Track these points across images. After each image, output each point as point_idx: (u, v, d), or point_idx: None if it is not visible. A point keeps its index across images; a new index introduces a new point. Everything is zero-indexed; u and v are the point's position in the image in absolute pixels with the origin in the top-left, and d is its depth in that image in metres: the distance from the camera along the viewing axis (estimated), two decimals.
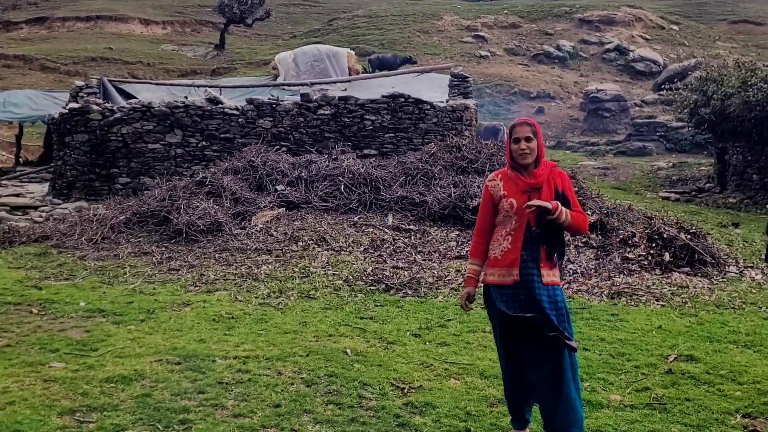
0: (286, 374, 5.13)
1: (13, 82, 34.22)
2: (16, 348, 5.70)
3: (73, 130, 15.65)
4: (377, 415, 4.50)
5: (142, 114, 15.42)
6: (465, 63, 33.39)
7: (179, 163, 15.18)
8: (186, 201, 10.44)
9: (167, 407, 4.47)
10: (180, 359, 5.38)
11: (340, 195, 11.12)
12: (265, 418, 4.38)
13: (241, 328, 6.31)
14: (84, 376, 5.01)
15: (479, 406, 4.67)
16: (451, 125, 15.60)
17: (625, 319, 6.63)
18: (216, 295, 7.50)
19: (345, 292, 7.64)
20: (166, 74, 37.48)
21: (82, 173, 15.58)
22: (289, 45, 36.31)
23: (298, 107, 15.44)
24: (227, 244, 9.50)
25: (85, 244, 9.72)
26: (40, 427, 4.13)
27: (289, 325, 6.42)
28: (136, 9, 50.89)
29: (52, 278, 8.26)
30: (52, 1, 55.58)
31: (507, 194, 4.05)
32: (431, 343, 5.96)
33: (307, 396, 4.75)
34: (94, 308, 6.95)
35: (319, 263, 8.61)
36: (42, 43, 43.77)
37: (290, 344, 5.82)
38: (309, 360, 5.43)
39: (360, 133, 15.31)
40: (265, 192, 11.32)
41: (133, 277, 8.28)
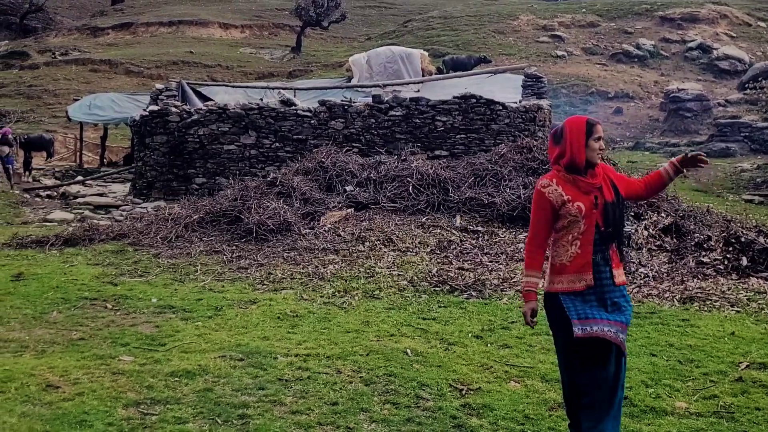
0: (346, 373, 5.16)
1: (99, 86, 35.52)
2: (89, 341, 5.91)
3: (152, 132, 16.13)
4: (434, 416, 4.48)
5: (218, 116, 15.78)
6: (541, 63, 32.98)
7: (253, 164, 15.48)
8: (257, 201, 10.64)
9: (227, 402, 4.56)
10: (243, 356, 5.48)
11: (408, 196, 11.13)
12: (322, 416, 4.42)
13: (305, 327, 6.39)
14: (150, 369, 5.16)
15: (538, 409, 4.61)
16: (523, 126, 15.43)
17: (697, 325, 6.43)
18: (282, 294, 7.61)
19: (409, 292, 7.65)
20: (243, 77, 38.26)
21: (160, 174, 16.04)
22: (364, 47, 36.55)
23: (369, 109, 15.54)
24: (296, 243, 9.63)
25: (160, 243, 10.01)
26: (105, 418, 4.27)
27: (352, 324, 6.46)
28: (216, 13, 52.12)
29: (127, 275, 8.53)
30: (137, 7, 57.49)
31: (571, 198, 3.84)
32: (493, 345, 5.91)
33: (364, 395, 4.77)
34: (165, 305, 7.15)
35: (385, 264, 8.63)
36: (127, 47, 45.28)
37: (351, 343, 5.86)
38: (369, 359, 5.45)
39: (431, 134, 15.30)
40: (334, 192, 11.43)
41: (204, 274, 8.48)
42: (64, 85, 37.34)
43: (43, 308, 6.93)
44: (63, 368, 5.12)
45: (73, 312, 6.86)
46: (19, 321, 6.49)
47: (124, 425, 4.19)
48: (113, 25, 51.01)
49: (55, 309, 6.93)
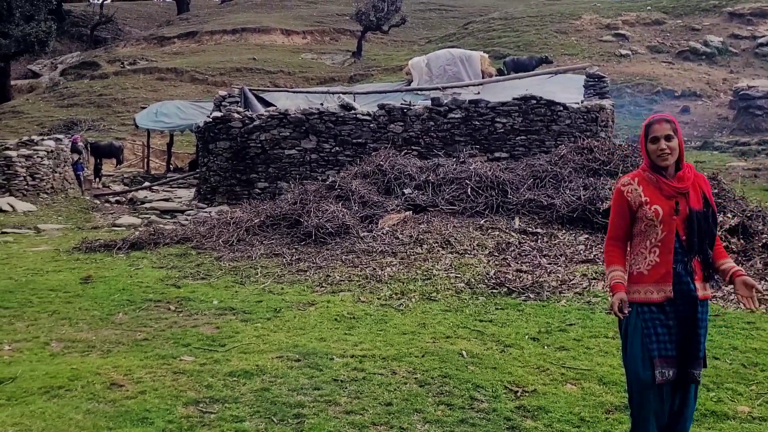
0: (401, 374, 5.19)
1: (165, 94, 36.41)
2: (152, 341, 6.08)
3: (216, 138, 16.47)
4: (488, 417, 4.47)
5: (279, 121, 16.02)
6: (604, 63, 32.48)
7: (314, 168, 15.66)
8: (316, 204, 10.76)
9: (283, 401, 4.64)
10: (300, 356, 5.56)
11: (466, 198, 11.09)
12: (376, 416, 4.45)
13: (361, 328, 6.44)
14: (210, 369, 5.27)
15: (594, 412, 4.55)
16: (585, 127, 15.23)
17: (762, 328, 6.25)
18: (340, 296, 7.68)
19: (466, 294, 7.63)
20: (305, 82, 38.70)
21: (224, 178, 16.36)
22: (424, 50, 36.57)
23: (428, 111, 15.56)
24: (354, 246, 9.70)
25: (222, 246, 10.21)
26: (166, 416, 4.39)
27: (408, 326, 6.49)
28: (278, 20, 52.85)
29: (190, 277, 8.73)
30: (202, 16, 58.72)
31: (650, 201, 3.60)
32: (549, 347, 5.85)
33: (419, 396, 4.78)
34: (226, 306, 7.30)
35: (443, 266, 8.63)
36: (192, 56, 46.29)
37: (407, 345, 5.88)
38: (424, 360, 5.47)
39: (490, 136, 15.23)
40: (392, 195, 11.48)
41: (264, 277, 8.62)
42: (132, 94, 38.41)
43: (109, 310, 7.15)
44: (127, 367, 5.28)
45: (138, 313, 7.06)
46: (86, 322, 6.71)
47: (183, 423, 4.29)
48: (179, 34, 52.24)
49: (121, 310, 7.14)
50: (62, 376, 5.03)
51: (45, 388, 4.82)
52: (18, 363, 5.42)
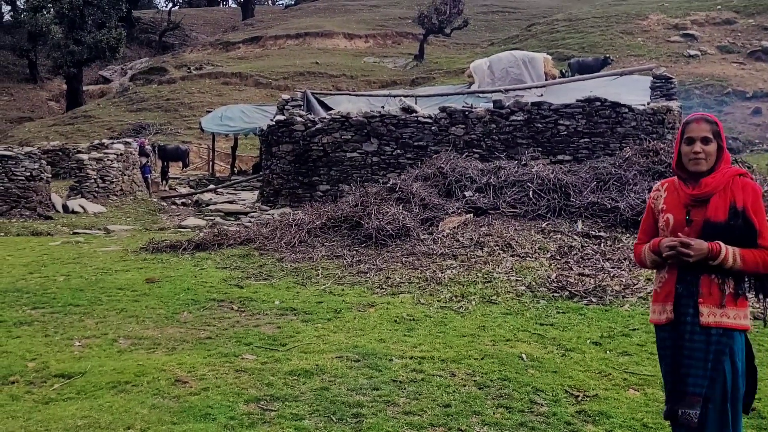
0: (459, 376, 5.17)
1: (230, 98, 37.08)
2: (216, 340, 6.19)
3: (279, 141, 16.70)
4: (547, 421, 4.42)
5: (341, 124, 16.15)
6: (672, 63, 31.78)
7: (375, 171, 15.74)
8: (377, 207, 10.80)
9: (342, 401, 4.67)
10: (359, 357, 5.59)
11: (528, 201, 10.99)
12: (434, 417, 4.45)
13: (421, 330, 6.44)
14: (271, 368, 5.35)
15: (657, 418, 4.44)
16: (651, 129, 14.94)
17: None
18: (400, 298, 7.70)
19: (527, 298, 7.56)
20: (367, 86, 38.92)
21: (286, 181, 16.58)
22: (486, 52, 36.36)
23: (490, 114, 15.49)
24: (414, 248, 9.70)
25: (284, 247, 10.34)
26: (228, 412, 4.47)
27: (468, 328, 6.46)
28: (341, 24, 53.30)
29: (252, 278, 8.87)
30: (266, 21, 59.64)
31: (665, 208, 3.32)
32: (612, 352, 5.75)
33: (477, 398, 4.76)
34: (287, 307, 7.38)
35: (503, 269, 8.57)
36: (256, 60, 47.04)
37: (466, 347, 5.86)
38: (483, 363, 5.44)
39: (553, 138, 15.07)
40: (453, 198, 11.45)
41: (325, 278, 8.70)
42: (198, 98, 39.24)
43: (175, 309, 7.31)
44: (191, 365, 5.39)
45: (202, 312, 7.19)
46: (153, 320, 6.88)
47: (244, 419, 4.36)
48: (243, 39, 53.16)
49: (186, 309, 7.29)
50: (129, 372, 5.16)
51: (112, 383, 4.96)
52: (87, 358, 5.59)
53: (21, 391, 4.86)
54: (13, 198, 16.01)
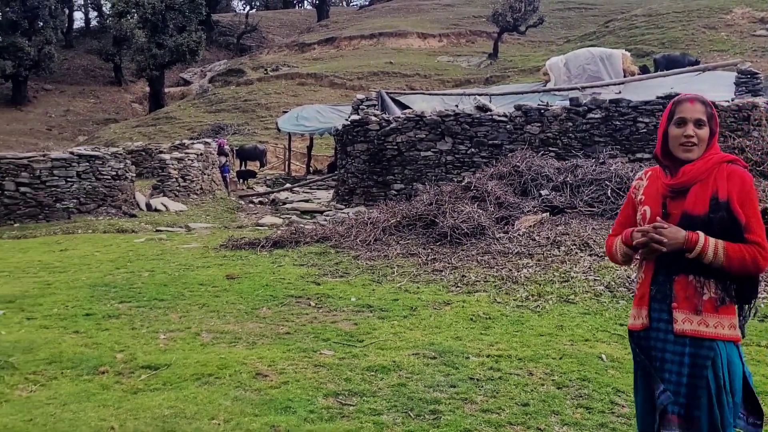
0: (537, 375, 5.13)
1: (305, 99, 37.58)
2: (294, 335, 6.30)
3: (354, 140, 16.84)
4: (629, 423, 4.34)
5: (415, 123, 16.17)
6: (758, 59, 30.66)
7: (449, 170, 15.70)
8: (451, 205, 10.79)
9: (420, 397, 4.70)
10: (436, 354, 5.61)
11: (606, 200, 10.80)
12: (513, 416, 4.43)
13: (497, 329, 6.41)
14: (349, 364, 5.42)
15: None
16: (735, 126, 14.46)
17: None
18: (475, 296, 7.68)
19: (606, 298, 7.43)
20: (441, 85, 38.86)
21: (361, 180, 16.70)
22: (562, 50, 35.84)
23: (566, 112, 15.25)
24: (489, 247, 9.66)
25: (359, 245, 10.43)
26: (307, 406, 4.55)
27: (545, 328, 6.40)
28: (414, 24, 53.35)
29: (329, 275, 8.99)
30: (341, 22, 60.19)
31: (644, 199, 3.00)
32: None
33: (556, 397, 4.72)
34: (363, 304, 7.46)
35: (581, 268, 8.45)
36: (331, 61, 47.54)
37: (544, 346, 5.81)
38: (562, 363, 5.38)
39: (632, 136, 14.74)
40: (529, 197, 11.34)
41: (400, 276, 8.74)
42: (274, 99, 39.92)
43: (254, 304, 7.48)
44: (271, 359, 5.51)
45: (281, 308, 7.33)
46: (233, 315, 7.05)
47: (324, 413, 4.44)
48: (319, 40, 53.79)
49: (265, 305, 7.44)
50: (212, 365, 5.31)
51: (196, 375, 5.11)
52: (172, 351, 5.77)
53: (111, 381, 5.05)
54: (100, 196, 16.61)
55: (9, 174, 15.88)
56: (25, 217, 15.84)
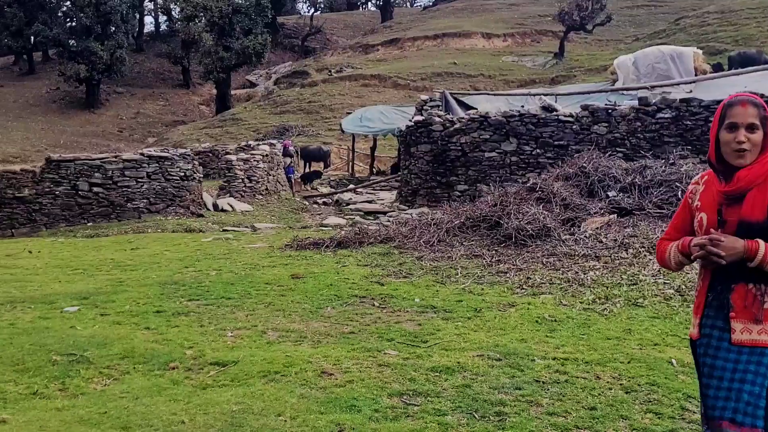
0: (605, 379, 5.05)
1: (369, 100, 37.76)
2: (358, 335, 6.34)
3: (417, 141, 16.85)
4: (700, 429, 4.22)
5: (479, 124, 16.09)
6: None
7: (513, 171, 15.57)
8: (516, 206, 10.69)
9: (484, 399, 4.67)
10: (500, 356, 5.57)
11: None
12: (579, 419, 4.37)
13: (563, 331, 6.33)
14: (413, 364, 5.42)
15: None
16: None
17: None
18: (541, 298, 7.59)
19: (676, 301, 7.25)
20: (505, 85, 38.56)
21: (424, 181, 16.71)
22: (630, 48, 35.15)
23: (635, 111, 14.97)
24: (555, 249, 9.53)
25: (423, 246, 10.42)
26: (372, 405, 4.57)
27: (613, 331, 6.29)
28: (479, 24, 53.08)
29: (392, 276, 9.01)
30: (404, 23, 60.29)
31: (700, 206, 2.87)
32: None
33: (624, 402, 4.63)
34: (427, 305, 7.45)
35: (650, 271, 8.26)
36: (394, 62, 47.65)
37: (611, 350, 5.70)
38: (630, 367, 5.28)
39: (703, 136, 14.35)
40: (595, 198, 11.15)
41: (464, 277, 8.70)
42: (338, 100, 40.24)
43: (318, 304, 7.55)
44: (335, 358, 5.55)
45: (345, 308, 7.38)
46: (298, 314, 7.13)
47: (388, 413, 4.45)
48: (382, 41, 53.99)
49: (329, 305, 7.51)
50: (278, 363, 5.38)
51: (263, 373, 5.19)
52: (239, 348, 5.87)
53: (181, 377, 5.17)
54: (169, 197, 17.02)
55: (83, 175, 16.42)
56: (98, 216, 16.34)
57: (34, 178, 16.37)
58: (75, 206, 16.35)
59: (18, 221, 16.26)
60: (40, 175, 16.41)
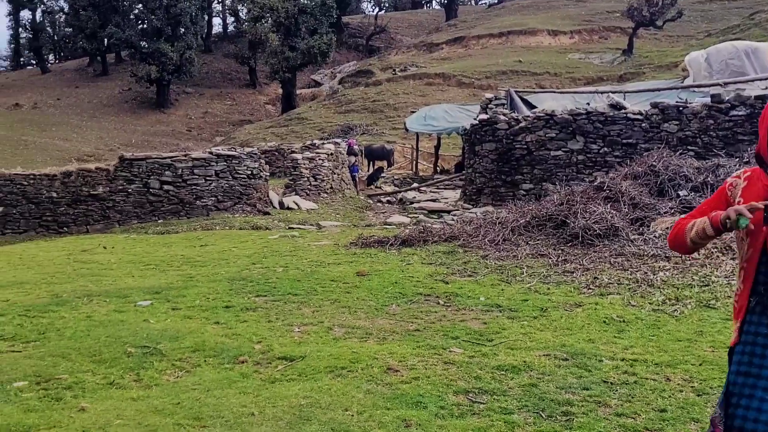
0: (675, 381, 4.95)
1: (433, 98, 37.72)
2: (423, 333, 6.36)
3: (482, 140, 16.77)
4: None
5: (545, 122, 15.92)
6: None
7: (580, 170, 15.36)
8: (583, 205, 10.54)
9: (551, 398, 4.63)
10: (567, 356, 5.52)
11: None
12: (649, 421, 4.30)
13: (632, 332, 6.22)
14: (478, 362, 5.41)
15: None
16: None
17: None
18: (608, 299, 7.47)
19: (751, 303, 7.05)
20: (571, 83, 38.02)
21: (489, 180, 16.61)
22: (702, 44, 34.24)
23: (707, 109, 14.60)
24: (623, 249, 9.37)
25: (488, 245, 10.37)
26: (438, 402, 4.59)
27: (683, 333, 6.15)
28: (544, 21, 52.45)
29: (457, 274, 8.99)
30: (469, 21, 59.98)
31: (742, 201, 2.69)
32: None
33: (696, 405, 4.53)
34: (492, 303, 7.42)
35: (722, 272, 8.05)
36: (459, 60, 47.47)
37: (682, 352, 5.59)
38: (701, 369, 5.16)
39: None
40: (665, 197, 10.91)
41: (529, 276, 8.63)
42: (402, 99, 40.30)
43: (383, 301, 7.59)
44: (401, 355, 5.59)
45: (410, 306, 7.41)
46: (364, 311, 7.19)
47: (454, 410, 4.46)
48: (447, 40, 53.86)
49: (394, 302, 7.55)
50: (344, 358, 5.44)
51: (330, 368, 5.26)
52: (306, 344, 5.96)
53: (250, 370, 5.28)
54: (236, 194, 17.33)
55: (154, 173, 16.85)
56: (168, 213, 16.76)
57: (108, 176, 16.89)
58: (146, 203, 16.80)
59: (93, 218, 16.80)
60: (113, 174, 16.91)
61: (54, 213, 16.79)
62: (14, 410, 4.50)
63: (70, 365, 5.41)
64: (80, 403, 4.61)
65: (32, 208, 16.77)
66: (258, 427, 4.20)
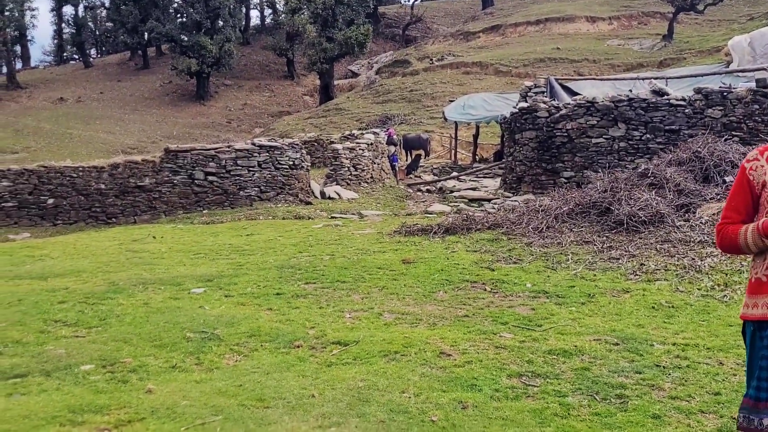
0: (728, 365, 4.98)
1: (471, 87, 37.60)
2: (472, 318, 6.46)
3: (522, 128, 16.74)
4: None
5: (586, 109, 15.84)
6: None
7: (622, 157, 15.28)
8: (627, 193, 10.52)
9: (604, 381, 4.70)
10: (618, 340, 5.57)
11: None
12: (704, 404, 4.34)
13: (681, 317, 6.25)
14: (529, 347, 5.50)
15: None
16: None
17: None
18: (656, 285, 7.49)
19: None
20: (611, 69, 37.62)
21: (529, 168, 16.59)
22: (745, 28, 33.64)
23: (752, 94, 14.42)
24: (669, 235, 9.35)
25: (531, 232, 10.41)
26: (492, 384, 4.69)
27: (734, 318, 6.15)
28: (582, 8, 51.89)
29: (502, 261, 9.06)
30: (506, 9, 59.57)
31: None
32: None
33: None
34: (539, 290, 7.48)
35: None
36: (496, 48, 47.21)
37: (734, 336, 5.60)
38: None
39: None
40: (711, 184, 10.84)
41: (575, 263, 8.66)
42: (440, 88, 40.23)
43: (431, 288, 7.70)
44: (452, 339, 5.69)
45: (457, 293, 7.51)
46: (412, 297, 7.30)
47: (509, 392, 4.56)
48: (483, 28, 53.58)
49: (441, 289, 7.65)
50: (397, 343, 5.56)
51: (383, 352, 5.38)
52: (358, 329, 6.09)
53: (306, 354, 5.43)
54: (279, 185, 17.55)
55: (198, 164, 17.14)
56: (213, 204, 17.04)
57: (154, 168, 17.22)
58: (191, 194, 17.10)
59: (140, 209, 17.15)
60: (159, 165, 17.23)
61: (102, 204, 17.18)
62: (84, 392, 4.70)
63: (133, 349, 5.61)
64: (146, 385, 4.80)
65: (81, 200, 17.17)
66: (320, 407, 4.34)
